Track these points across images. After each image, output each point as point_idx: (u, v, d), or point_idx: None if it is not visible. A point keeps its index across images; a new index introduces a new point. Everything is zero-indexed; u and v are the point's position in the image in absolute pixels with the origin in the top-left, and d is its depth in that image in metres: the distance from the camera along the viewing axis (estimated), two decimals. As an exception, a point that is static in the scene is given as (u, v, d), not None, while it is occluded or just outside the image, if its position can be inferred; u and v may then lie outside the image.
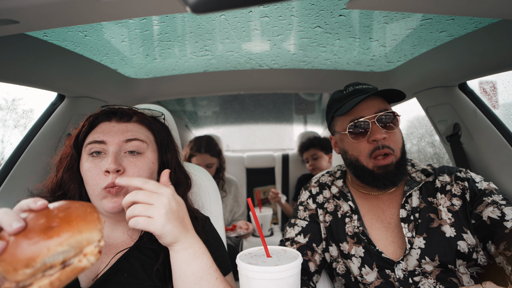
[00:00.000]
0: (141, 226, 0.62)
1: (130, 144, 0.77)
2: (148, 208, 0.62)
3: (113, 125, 0.79)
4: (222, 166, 2.19)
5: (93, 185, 0.73)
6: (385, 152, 0.94)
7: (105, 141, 0.75)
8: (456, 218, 0.89)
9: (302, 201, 1.16)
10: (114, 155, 0.73)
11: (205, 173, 1.21)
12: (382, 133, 0.93)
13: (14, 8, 0.55)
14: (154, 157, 0.82)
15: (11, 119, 1.51)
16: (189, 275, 0.66)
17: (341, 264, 1.01)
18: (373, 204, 1.02)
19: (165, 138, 0.88)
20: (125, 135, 0.77)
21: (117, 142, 0.76)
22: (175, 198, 0.68)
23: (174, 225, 0.65)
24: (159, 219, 0.62)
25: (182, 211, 0.70)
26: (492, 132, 1.30)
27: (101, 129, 0.78)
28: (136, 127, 0.82)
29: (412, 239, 0.89)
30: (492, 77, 1.45)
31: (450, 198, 0.92)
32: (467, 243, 0.85)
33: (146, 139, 0.81)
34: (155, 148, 0.84)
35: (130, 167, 0.75)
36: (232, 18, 1.04)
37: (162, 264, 0.75)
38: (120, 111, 0.83)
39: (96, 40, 1.14)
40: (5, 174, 1.17)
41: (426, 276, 0.86)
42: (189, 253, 0.67)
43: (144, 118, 0.86)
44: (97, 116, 0.82)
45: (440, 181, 0.97)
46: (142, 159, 0.78)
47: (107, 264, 0.76)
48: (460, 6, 0.69)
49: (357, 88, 1.02)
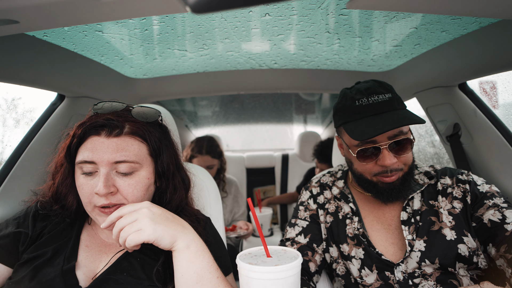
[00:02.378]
0: (134, 241, 0.63)
1: (121, 165, 0.73)
2: (133, 225, 0.64)
3: (102, 141, 0.73)
4: (223, 167, 2.18)
5: (86, 202, 0.74)
6: (393, 174, 0.90)
7: (95, 161, 0.72)
8: (456, 221, 0.88)
9: (302, 201, 1.15)
10: (105, 178, 0.70)
11: (206, 174, 1.21)
12: (392, 159, 0.87)
13: (14, 8, 0.55)
14: (149, 171, 0.78)
15: (10, 118, 1.51)
16: (191, 274, 0.66)
17: (341, 265, 1.01)
18: (374, 206, 1.02)
19: (160, 145, 0.82)
20: (115, 156, 0.72)
21: (107, 163, 0.71)
22: (154, 206, 0.70)
23: (165, 225, 0.66)
24: (147, 226, 0.64)
25: (168, 213, 0.71)
26: (492, 132, 1.30)
27: (91, 146, 0.73)
28: (127, 142, 0.75)
29: (413, 242, 0.89)
30: (492, 77, 1.46)
31: (451, 201, 0.92)
32: (468, 246, 0.85)
33: (138, 158, 0.75)
34: (149, 161, 0.79)
35: (124, 187, 0.73)
36: (232, 18, 1.04)
37: (162, 265, 0.75)
38: (109, 124, 0.75)
39: (96, 40, 1.14)
40: (5, 174, 1.17)
41: (426, 278, 0.86)
42: (191, 251, 0.67)
43: (137, 128, 0.78)
44: (86, 129, 0.75)
45: (441, 183, 0.96)
46: (135, 177, 0.75)
47: (107, 263, 0.76)
48: (460, 6, 0.69)
49: (371, 103, 0.89)
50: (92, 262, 0.77)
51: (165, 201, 0.83)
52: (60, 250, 0.76)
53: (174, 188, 0.85)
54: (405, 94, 1.66)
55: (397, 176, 0.90)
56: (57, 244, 0.76)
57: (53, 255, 0.74)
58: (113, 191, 0.72)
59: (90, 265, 0.76)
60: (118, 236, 0.65)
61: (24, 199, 0.88)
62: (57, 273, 0.70)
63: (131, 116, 0.81)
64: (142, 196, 0.77)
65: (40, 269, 0.71)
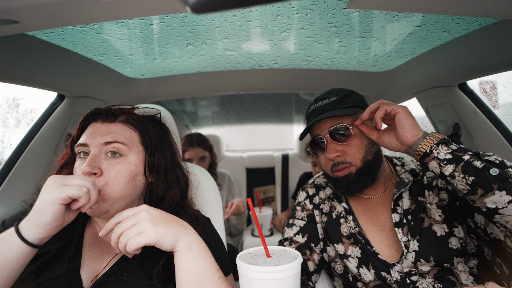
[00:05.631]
0: (136, 244, 0.62)
1: (109, 146, 0.76)
2: (133, 228, 0.63)
3: (98, 126, 0.79)
4: (214, 161, 2.25)
5: None
6: (341, 167, 0.98)
7: (87, 143, 0.76)
8: (446, 214, 0.89)
9: (299, 201, 1.17)
10: (92, 158, 0.73)
11: (206, 174, 1.20)
12: (334, 151, 0.98)
13: (14, 8, 0.55)
14: (138, 159, 0.80)
15: (11, 118, 1.51)
16: (193, 275, 0.66)
17: (339, 264, 1.01)
18: (366, 208, 1.03)
19: (154, 138, 0.85)
20: (105, 138, 0.76)
21: (97, 144, 0.75)
22: (152, 209, 0.69)
23: (166, 226, 0.65)
24: (147, 229, 0.63)
25: (168, 214, 0.71)
26: (492, 132, 1.30)
27: (88, 131, 0.79)
28: (120, 128, 0.80)
29: (408, 243, 0.89)
30: (492, 77, 1.45)
31: (438, 193, 0.93)
32: (459, 237, 0.85)
33: (128, 141, 0.79)
34: (140, 149, 0.82)
35: (108, 170, 0.74)
36: (232, 18, 1.04)
37: (162, 267, 0.75)
38: (105, 111, 0.82)
39: (96, 40, 1.14)
40: (5, 174, 1.17)
41: (424, 276, 0.86)
42: (193, 251, 0.67)
43: (132, 119, 0.84)
44: (87, 117, 0.83)
45: (427, 177, 0.98)
46: (122, 162, 0.76)
47: (107, 264, 0.76)
48: (460, 6, 0.69)
49: (315, 108, 1.06)
50: (94, 262, 0.77)
51: (156, 198, 0.83)
52: (64, 248, 0.76)
53: (167, 185, 0.84)
54: (405, 94, 1.66)
55: (348, 170, 0.98)
56: (61, 242, 0.76)
57: (57, 253, 0.74)
58: (97, 173, 0.73)
59: (93, 265, 0.76)
60: (117, 242, 0.64)
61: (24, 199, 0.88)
62: (62, 273, 0.70)
63: (130, 110, 0.88)
64: (125, 184, 0.76)
65: (45, 268, 0.71)
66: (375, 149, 1.00)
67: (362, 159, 0.97)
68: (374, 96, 1.83)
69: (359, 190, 0.99)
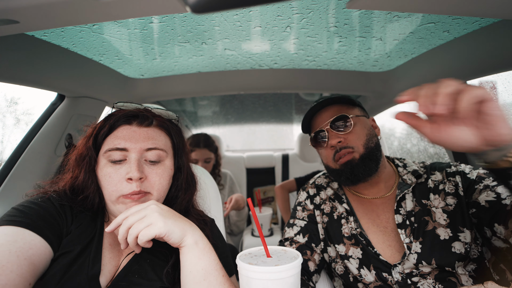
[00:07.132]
0: (146, 236, 0.62)
1: (151, 153, 0.77)
2: (143, 220, 0.64)
3: (134, 130, 0.78)
4: (218, 162, 2.25)
5: (112, 191, 0.73)
6: (344, 153, 0.98)
7: (127, 148, 0.74)
8: (451, 219, 0.88)
9: (300, 201, 1.16)
10: (137, 163, 0.73)
11: (206, 174, 1.21)
12: (336, 138, 0.99)
13: (14, 8, 0.55)
14: (171, 163, 0.83)
15: (11, 118, 1.51)
16: (199, 270, 0.66)
17: (340, 265, 1.01)
18: (368, 208, 1.02)
19: (180, 142, 0.87)
20: (147, 144, 0.76)
21: (139, 150, 0.75)
22: (161, 204, 0.70)
23: (175, 219, 0.67)
24: (157, 220, 0.63)
25: (175, 212, 0.72)
26: (492, 132, 1.30)
27: (122, 134, 0.76)
28: (157, 132, 0.81)
29: (411, 244, 0.89)
30: (492, 77, 1.45)
31: (444, 198, 0.92)
32: (464, 242, 0.85)
33: (165, 147, 0.81)
34: (172, 153, 0.84)
35: (152, 175, 0.76)
36: (232, 18, 1.04)
37: (172, 267, 0.75)
38: (141, 115, 0.81)
39: (96, 39, 1.14)
40: (5, 174, 1.17)
41: (425, 277, 0.86)
42: (199, 247, 0.68)
43: (164, 122, 0.85)
44: (118, 118, 0.79)
45: (432, 181, 0.97)
46: (162, 167, 0.79)
47: (118, 267, 0.75)
48: (460, 6, 0.69)
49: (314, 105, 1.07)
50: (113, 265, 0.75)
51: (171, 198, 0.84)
52: (86, 249, 0.73)
53: (187, 185, 0.87)
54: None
55: (351, 155, 0.97)
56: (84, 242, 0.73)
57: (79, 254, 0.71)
58: (143, 178, 0.74)
59: (112, 268, 0.75)
60: (125, 235, 0.64)
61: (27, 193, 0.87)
62: (82, 277, 0.68)
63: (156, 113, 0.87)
64: (166, 186, 0.80)
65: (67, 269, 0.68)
66: (376, 140, 1.01)
67: (364, 145, 0.98)
68: (374, 96, 1.83)
69: (364, 177, 0.97)
